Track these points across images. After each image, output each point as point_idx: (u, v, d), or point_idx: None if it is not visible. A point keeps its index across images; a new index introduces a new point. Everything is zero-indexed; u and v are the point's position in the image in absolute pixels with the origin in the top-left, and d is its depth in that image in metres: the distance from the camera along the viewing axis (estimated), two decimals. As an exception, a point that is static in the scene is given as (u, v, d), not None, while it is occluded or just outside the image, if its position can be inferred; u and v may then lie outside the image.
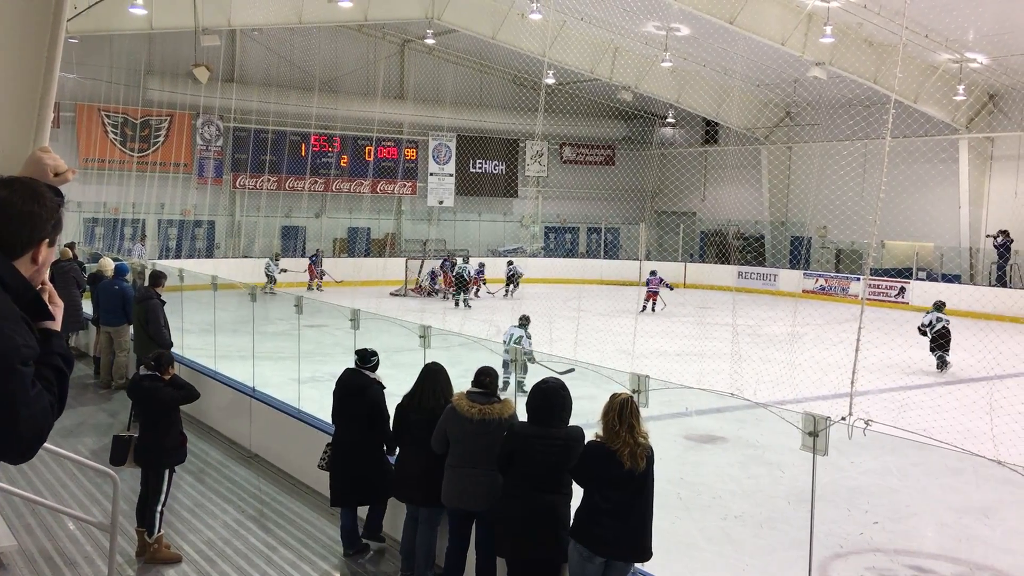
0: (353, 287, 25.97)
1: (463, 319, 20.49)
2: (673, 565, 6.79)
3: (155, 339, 10.48)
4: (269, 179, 30.74)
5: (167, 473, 6.70)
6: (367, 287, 27.56)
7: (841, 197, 27.47)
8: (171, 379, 6.87)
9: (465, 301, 25.01)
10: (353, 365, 6.82)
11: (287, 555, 6.75)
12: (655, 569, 5.35)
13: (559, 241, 37.38)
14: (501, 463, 5.32)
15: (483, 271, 27.42)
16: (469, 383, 5.93)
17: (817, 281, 29.75)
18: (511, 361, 12.93)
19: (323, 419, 8.56)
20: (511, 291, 27.77)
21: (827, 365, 13.73)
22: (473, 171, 35.30)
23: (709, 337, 18.08)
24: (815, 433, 4.28)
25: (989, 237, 26.41)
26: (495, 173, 35.84)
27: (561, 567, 5.14)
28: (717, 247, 34.47)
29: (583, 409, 5.47)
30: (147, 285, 11.45)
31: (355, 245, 32.46)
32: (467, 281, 25.31)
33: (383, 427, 6.54)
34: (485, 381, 5.82)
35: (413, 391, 6.29)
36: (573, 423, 5.25)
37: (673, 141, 36.88)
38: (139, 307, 11.05)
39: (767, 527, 7.90)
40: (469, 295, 25.50)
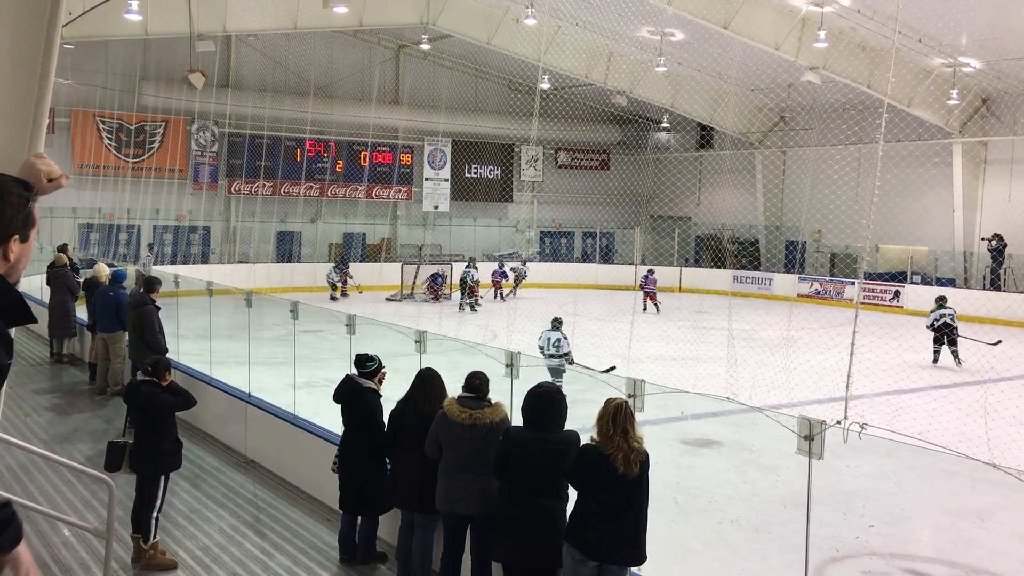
0: (374, 291, 26.25)
1: (459, 324, 20.48)
2: (669, 569, 6.79)
3: (150, 345, 10.47)
4: (264, 184, 30.73)
5: (162, 479, 6.68)
6: (362, 292, 27.59)
7: (835, 201, 27.54)
8: (168, 385, 6.86)
9: (471, 305, 25.06)
10: (352, 371, 6.82)
11: (283, 561, 6.74)
12: (651, 573, 5.35)
13: (554, 246, 37.40)
14: (497, 468, 5.32)
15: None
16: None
17: (812, 285, 29.80)
18: (557, 368, 13.02)
19: (319, 424, 8.56)
20: (514, 291, 28.19)
21: (822, 369, 13.75)
22: (468, 176, 35.32)
23: (705, 341, 18.11)
24: (811, 437, 4.29)
25: (983, 241, 26.49)
26: (490, 178, 35.86)
27: (557, 571, 5.14)
28: (712, 251, 34.52)
29: (579, 414, 5.48)
30: (142, 291, 11.43)
31: (351, 250, 32.45)
32: (471, 286, 25.40)
33: (377, 435, 6.51)
34: (476, 385, 5.82)
35: (407, 397, 6.29)
36: (569, 427, 5.25)
37: (668, 146, 36.95)
38: (134, 313, 11.03)
39: (763, 531, 7.91)
40: (474, 299, 25.51)
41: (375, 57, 32.27)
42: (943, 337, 17.17)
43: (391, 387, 6.95)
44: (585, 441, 4.99)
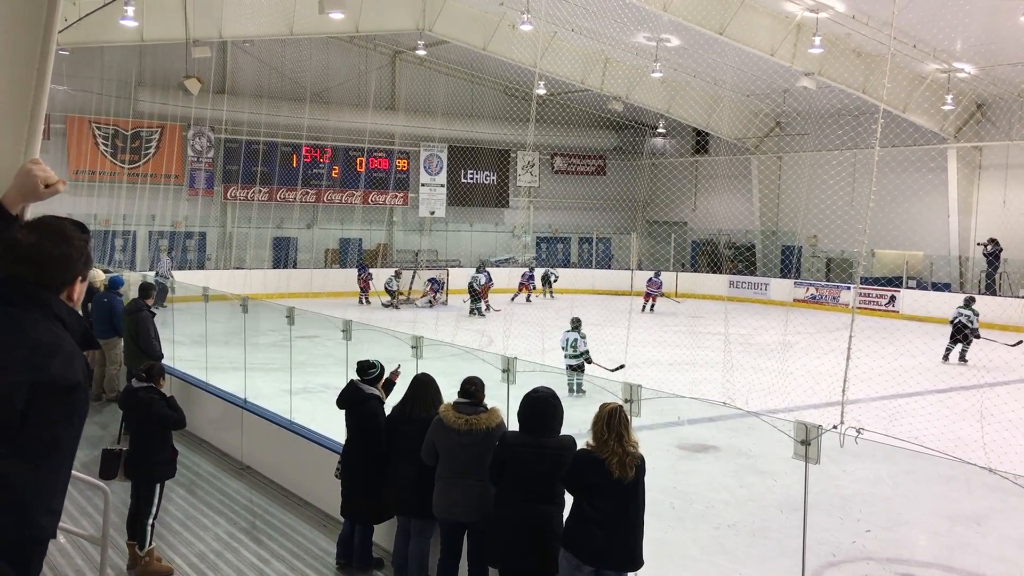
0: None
1: (455, 329, 20.47)
2: (666, 574, 6.79)
3: (146, 351, 10.44)
4: (260, 190, 30.71)
5: (158, 486, 6.67)
6: (358, 298, 27.56)
7: (831, 206, 27.60)
8: (169, 400, 6.85)
9: (479, 310, 25.08)
10: (355, 377, 6.81)
11: (279, 568, 6.73)
12: (648, 579, 5.34)
13: (551, 251, 37.40)
14: (493, 473, 5.32)
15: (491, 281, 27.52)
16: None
17: (808, 290, 29.84)
18: (574, 368, 13.27)
19: (315, 430, 8.54)
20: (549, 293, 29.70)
21: (818, 374, 13.77)
22: (464, 181, 35.33)
23: (701, 346, 18.13)
24: (807, 442, 4.30)
25: (979, 245, 26.54)
26: (486, 183, 35.88)
27: (554, 577, 5.13)
28: (708, 256, 34.55)
29: (575, 418, 5.47)
30: (136, 297, 11.41)
31: (347, 256, 32.42)
32: (478, 291, 25.43)
33: (376, 442, 6.50)
34: (471, 390, 5.81)
35: (403, 402, 6.29)
36: (565, 432, 5.25)
37: (664, 151, 37.00)
38: (129, 319, 11.01)
39: (760, 536, 7.90)
40: (480, 304, 25.50)
41: (371, 63, 32.30)
42: (957, 336, 17.85)
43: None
44: (581, 446, 4.99)
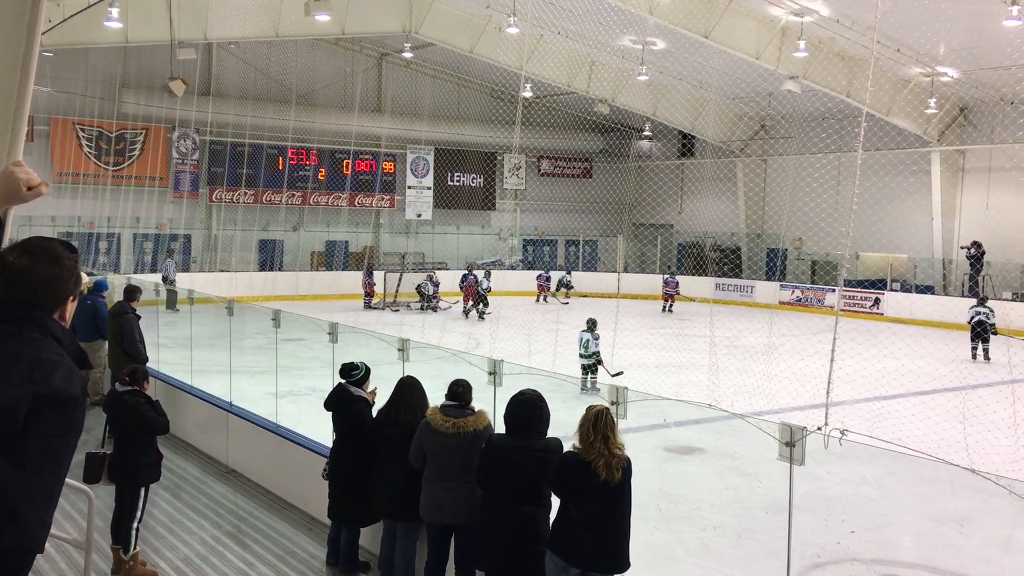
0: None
1: (441, 332, 20.45)
2: (652, 576, 6.81)
3: (130, 354, 10.39)
4: (246, 192, 30.60)
5: (142, 490, 6.63)
6: (345, 300, 27.47)
7: (815, 209, 27.75)
8: (155, 405, 6.82)
9: (480, 313, 25.04)
10: (341, 380, 6.80)
11: (265, 571, 6.70)
12: (634, 581, 5.35)
13: (537, 254, 37.43)
14: (479, 476, 5.31)
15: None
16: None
17: (793, 292, 29.98)
18: (587, 366, 13.74)
19: (301, 433, 8.52)
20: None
21: (803, 376, 13.83)
22: (451, 184, 35.32)
23: (687, 349, 18.17)
24: (792, 443, 4.32)
25: (963, 248, 26.73)
26: (473, 186, 35.88)
27: (541, 579, 5.13)
28: (694, 259, 34.66)
29: (561, 421, 5.48)
30: (121, 299, 11.35)
31: (333, 258, 32.34)
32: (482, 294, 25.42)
33: (364, 444, 6.48)
34: (458, 392, 5.80)
35: (388, 405, 6.28)
36: (552, 435, 5.25)
37: (650, 154, 37.10)
38: (114, 322, 10.95)
39: (745, 537, 7.93)
40: (484, 307, 25.44)
41: (357, 65, 32.25)
42: (978, 334, 18.66)
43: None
44: (567, 449, 4.99)
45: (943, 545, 8.03)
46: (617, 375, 13.70)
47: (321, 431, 7.92)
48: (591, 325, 14.20)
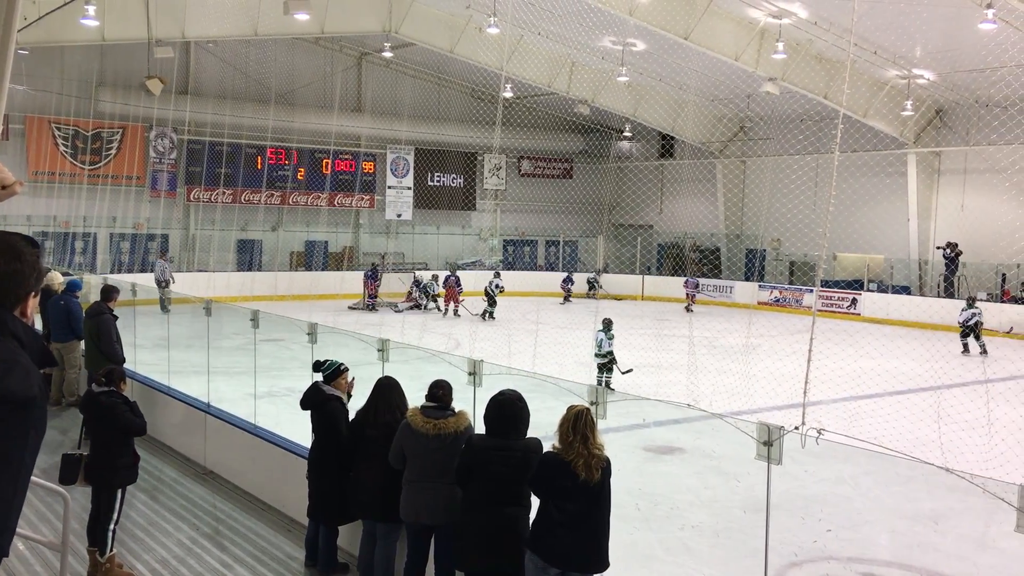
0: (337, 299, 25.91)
1: (421, 332, 20.43)
2: (632, 575, 6.83)
3: (107, 355, 10.29)
4: (224, 192, 30.41)
5: (119, 492, 6.58)
6: (324, 301, 27.39)
7: (793, 210, 27.95)
8: (132, 406, 6.76)
9: (490, 314, 24.97)
10: (317, 378, 6.78)
11: (243, 573, 6.67)
12: (614, 580, 5.37)
13: (517, 254, 37.45)
14: (459, 477, 5.31)
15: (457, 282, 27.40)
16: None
17: (772, 293, 30.18)
18: (602, 365, 14.00)
19: (280, 434, 8.48)
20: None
21: (781, 376, 13.93)
22: (431, 184, 35.27)
23: (666, 349, 18.23)
24: (769, 442, 4.35)
25: (939, 249, 27.01)
26: (453, 186, 35.85)
27: (521, 580, 5.13)
28: (674, 260, 34.82)
29: (541, 421, 5.49)
30: (99, 300, 11.24)
31: (312, 259, 32.21)
32: (493, 295, 25.34)
33: (337, 443, 6.46)
34: (439, 394, 5.80)
35: (367, 406, 6.26)
36: (532, 435, 5.26)
37: (630, 155, 37.22)
38: (91, 322, 10.85)
39: (724, 536, 7.98)
40: (492, 308, 25.32)
41: (337, 64, 32.14)
42: (970, 332, 20.33)
43: (354, 396, 6.91)
44: (547, 449, 5.00)
45: (919, 543, 8.11)
46: (627, 372, 13.94)
47: (300, 432, 7.89)
48: (606, 325, 14.35)
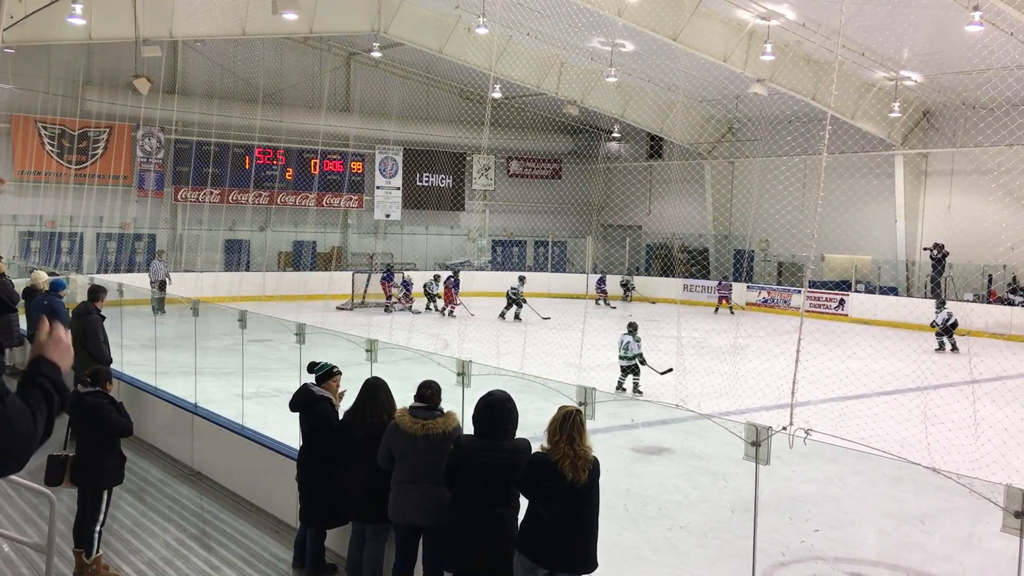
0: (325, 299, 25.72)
1: (409, 333, 20.39)
2: (620, 576, 6.83)
3: (94, 355, 10.22)
4: (212, 192, 30.30)
5: (105, 493, 6.54)
6: (312, 301, 27.32)
7: (781, 211, 28.04)
8: (118, 406, 6.72)
9: (516, 315, 24.91)
10: (306, 380, 6.75)
11: (230, 575, 6.64)
12: (602, 581, 5.36)
13: (506, 254, 37.44)
14: (447, 477, 5.30)
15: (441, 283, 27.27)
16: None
17: (760, 294, 30.26)
18: (627, 367, 14.07)
19: (267, 435, 8.45)
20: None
21: (769, 376, 13.96)
22: (420, 184, 35.23)
23: (655, 349, 18.22)
24: (757, 443, 4.35)
25: (926, 250, 27.15)
26: (442, 187, 35.82)
27: (509, 580, 5.13)
28: (662, 260, 34.88)
29: (530, 422, 5.48)
30: (86, 300, 11.17)
31: (301, 259, 32.13)
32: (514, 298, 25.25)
33: (327, 445, 6.44)
34: (427, 395, 5.78)
35: (355, 407, 6.24)
36: (520, 436, 5.26)
37: (619, 155, 37.27)
38: (78, 323, 10.78)
39: (712, 536, 7.99)
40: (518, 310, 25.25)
41: (325, 64, 32.07)
42: (948, 332, 20.83)
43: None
44: (536, 449, 5.00)
45: (906, 543, 8.15)
46: (666, 372, 14.00)
47: (288, 433, 7.86)
48: (632, 329, 14.43)
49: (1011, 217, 23.58)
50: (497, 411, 5.17)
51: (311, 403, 6.55)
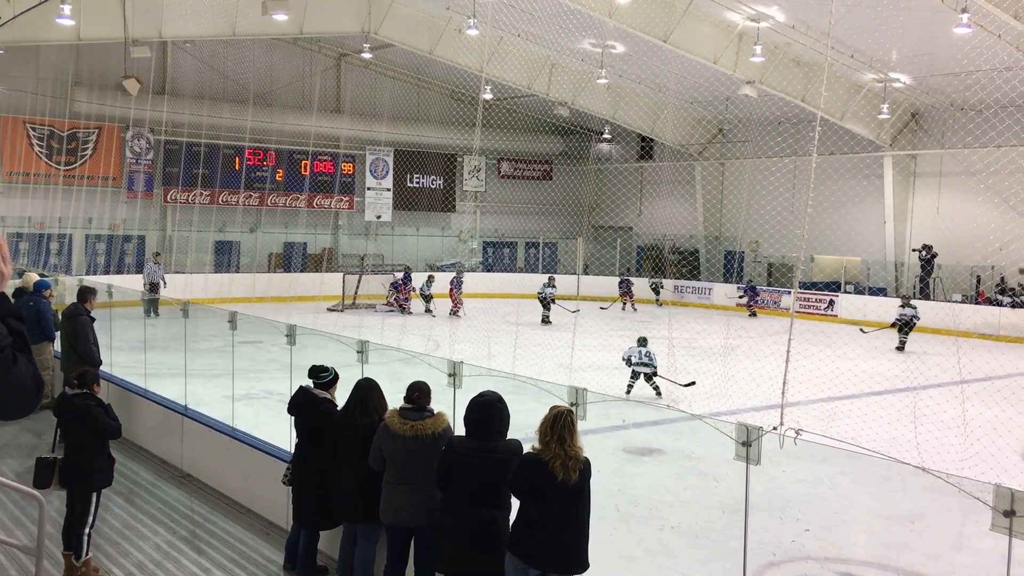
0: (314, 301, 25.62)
1: (400, 334, 20.36)
2: (611, 577, 6.84)
3: (84, 357, 10.18)
4: (202, 193, 30.21)
5: (94, 495, 6.52)
6: (303, 302, 27.24)
7: (771, 212, 28.12)
8: (107, 408, 6.69)
9: (546, 318, 24.62)
10: (303, 382, 6.73)
11: (221, 576, 6.62)
12: (593, 581, 5.37)
13: (497, 256, 37.44)
14: (439, 479, 5.30)
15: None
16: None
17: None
18: (642, 373, 13.91)
19: (258, 437, 8.43)
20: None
21: (759, 377, 14.00)
22: (411, 186, 35.20)
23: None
24: (748, 443, 4.37)
25: (915, 251, 27.27)
26: (433, 188, 35.80)
27: (501, 581, 5.13)
28: (653, 261, 34.92)
29: (522, 423, 5.49)
30: (76, 301, 11.12)
31: (291, 260, 32.05)
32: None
33: (333, 446, 6.41)
34: (415, 396, 5.79)
35: (346, 408, 6.23)
36: (512, 437, 5.26)
37: (609, 156, 37.32)
38: (67, 324, 10.74)
39: (703, 537, 8.01)
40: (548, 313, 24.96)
41: (316, 65, 32.01)
42: (909, 330, 20.90)
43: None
44: (527, 450, 5.00)
45: (895, 543, 8.18)
46: (689, 385, 13.89)
47: (278, 434, 7.85)
48: (644, 342, 14.26)
49: (999, 218, 23.72)
50: (488, 412, 5.17)
51: (313, 405, 6.52)
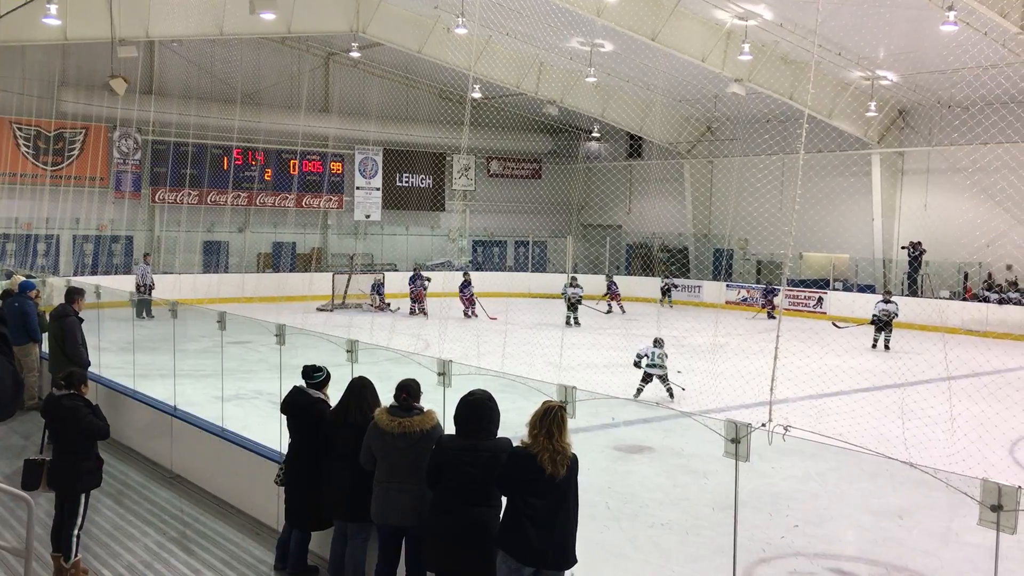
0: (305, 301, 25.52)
1: (390, 333, 20.34)
2: (602, 574, 6.85)
3: (72, 358, 10.14)
4: (190, 193, 30.10)
5: (83, 496, 6.49)
6: (292, 302, 27.17)
7: (759, 210, 28.22)
8: (95, 409, 6.66)
9: (574, 319, 24.34)
10: (297, 382, 6.71)
11: (211, 577, 6.60)
12: (584, 579, 5.38)
13: (487, 255, 37.45)
14: (429, 477, 5.30)
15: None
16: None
17: (739, 292, 30.42)
18: (655, 375, 13.78)
19: (248, 437, 8.41)
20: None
21: (748, 374, 14.04)
22: (400, 185, 35.16)
23: (635, 349, 18.31)
24: (737, 440, 4.38)
25: (903, 248, 27.40)
26: (422, 187, 35.77)
27: (492, 580, 5.13)
28: (642, 260, 34.99)
29: (512, 421, 5.49)
30: (64, 302, 11.07)
31: (280, 260, 31.97)
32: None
33: (320, 446, 6.39)
34: (402, 396, 5.79)
35: (339, 407, 6.23)
36: (502, 435, 5.26)
37: (598, 155, 37.36)
38: (55, 325, 10.69)
39: (693, 534, 8.03)
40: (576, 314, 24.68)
41: (304, 64, 31.93)
42: (882, 327, 20.57)
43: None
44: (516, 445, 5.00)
45: (884, 538, 8.22)
46: (682, 390, 13.91)
47: (268, 435, 7.83)
48: (660, 343, 14.20)
49: (986, 214, 23.84)
50: (478, 411, 5.17)
51: (307, 405, 6.51)
